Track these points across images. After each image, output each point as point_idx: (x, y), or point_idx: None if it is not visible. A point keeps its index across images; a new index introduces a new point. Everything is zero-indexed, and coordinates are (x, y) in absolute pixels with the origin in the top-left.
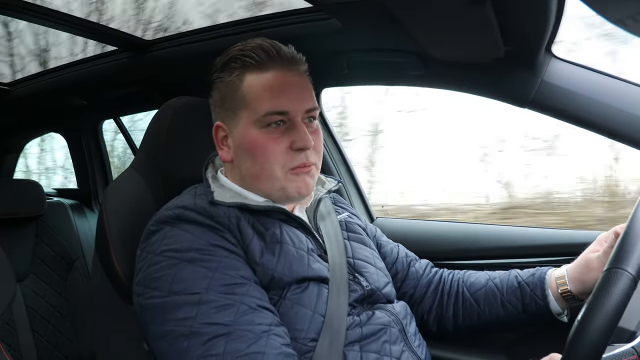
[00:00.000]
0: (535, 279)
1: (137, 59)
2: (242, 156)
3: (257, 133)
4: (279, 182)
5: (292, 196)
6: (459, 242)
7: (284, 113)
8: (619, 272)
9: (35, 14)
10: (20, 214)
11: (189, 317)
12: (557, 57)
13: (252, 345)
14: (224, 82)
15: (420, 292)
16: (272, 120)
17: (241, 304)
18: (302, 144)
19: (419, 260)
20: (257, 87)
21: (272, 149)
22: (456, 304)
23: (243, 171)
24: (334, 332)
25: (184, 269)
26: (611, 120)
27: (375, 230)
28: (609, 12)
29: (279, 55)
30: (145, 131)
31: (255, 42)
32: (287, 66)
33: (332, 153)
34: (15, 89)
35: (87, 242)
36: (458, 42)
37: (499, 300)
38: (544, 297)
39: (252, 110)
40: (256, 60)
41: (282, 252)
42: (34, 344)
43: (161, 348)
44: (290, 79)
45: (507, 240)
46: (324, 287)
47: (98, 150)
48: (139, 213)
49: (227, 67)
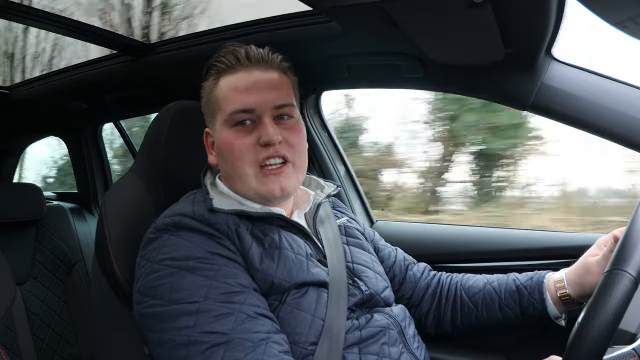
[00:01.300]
0: (534, 282)
1: (138, 63)
2: (220, 158)
3: (226, 133)
4: (251, 183)
5: (267, 197)
6: (458, 245)
7: (250, 111)
8: (619, 273)
9: (37, 18)
10: (20, 218)
11: (187, 326)
12: (557, 59)
13: (250, 354)
14: (204, 88)
15: (418, 295)
16: (239, 119)
17: (239, 312)
18: (267, 139)
19: (417, 264)
20: (225, 89)
21: (239, 147)
22: (454, 307)
23: (224, 173)
24: (333, 335)
25: (183, 278)
26: (611, 122)
27: (373, 234)
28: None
29: (247, 57)
30: (145, 135)
31: (228, 48)
32: (256, 66)
33: (332, 157)
34: (15, 93)
35: (86, 245)
36: (458, 45)
37: (497, 303)
38: (542, 301)
39: (222, 112)
40: (226, 64)
41: (281, 258)
42: (34, 347)
43: (161, 355)
44: (258, 77)
45: (506, 242)
46: (324, 292)
47: (98, 154)
48: (138, 217)
49: (207, 74)
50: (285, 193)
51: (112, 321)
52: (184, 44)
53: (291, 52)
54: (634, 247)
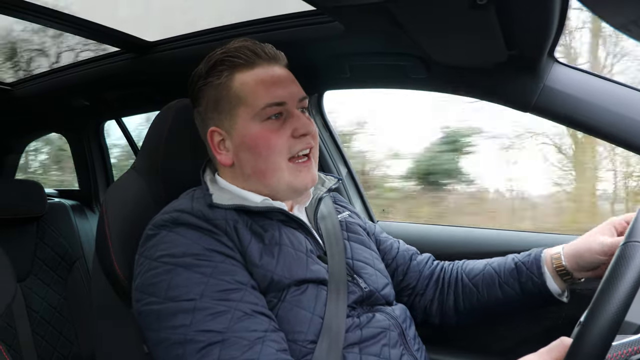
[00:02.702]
0: (532, 257)
1: (140, 61)
2: (245, 154)
3: (257, 127)
4: (284, 177)
5: (300, 190)
6: (460, 246)
7: (282, 104)
8: (636, 245)
9: (39, 14)
10: (21, 215)
11: (183, 324)
12: (559, 62)
13: (246, 352)
14: (213, 85)
15: (422, 284)
16: (271, 113)
17: (236, 310)
18: (305, 130)
19: (420, 254)
20: (251, 83)
21: (275, 141)
22: (456, 290)
23: (247, 170)
24: (333, 334)
25: (180, 275)
26: (612, 125)
27: (374, 227)
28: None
29: (264, 52)
30: (147, 133)
31: (238, 44)
32: (273, 61)
33: (332, 153)
34: (18, 89)
35: (87, 243)
36: (461, 46)
37: (497, 282)
38: (540, 275)
39: (249, 106)
40: (244, 59)
41: (281, 254)
42: (34, 344)
43: (158, 354)
44: (278, 71)
45: (508, 244)
46: (323, 289)
47: (100, 151)
48: (139, 214)
49: (213, 71)
50: (313, 184)
51: (112, 318)
52: (186, 43)
53: (294, 52)
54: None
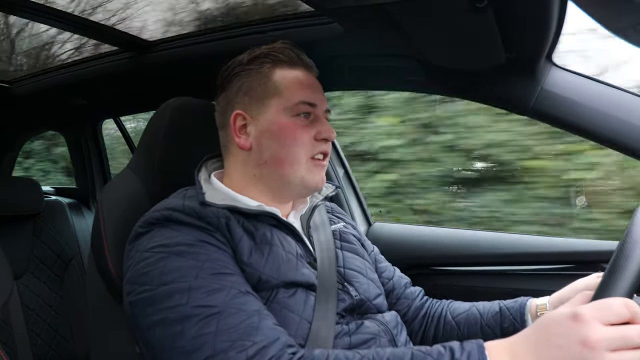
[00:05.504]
0: (517, 304)
1: (138, 60)
2: (268, 140)
3: (286, 119)
4: (301, 171)
5: (310, 187)
6: (455, 248)
7: (313, 105)
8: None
9: (38, 12)
10: (18, 212)
11: (180, 304)
12: (557, 65)
13: (245, 321)
14: (252, 72)
15: (413, 313)
16: (302, 110)
17: (231, 288)
18: (327, 135)
19: (412, 286)
20: (290, 79)
21: (300, 135)
22: (437, 325)
23: (265, 156)
24: (321, 339)
25: (174, 262)
26: (610, 129)
27: (373, 248)
28: (610, 22)
29: (306, 59)
30: (143, 132)
31: (283, 44)
32: (309, 69)
33: (331, 159)
34: (16, 87)
35: (84, 241)
36: (459, 48)
37: (479, 323)
38: (522, 322)
39: (284, 99)
40: (288, 58)
41: (271, 254)
42: (30, 342)
43: (155, 337)
44: (313, 79)
45: (503, 247)
46: (312, 294)
47: (97, 150)
48: (133, 213)
49: (256, 60)
50: (322, 185)
51: (107, 317)
52: (184, 42)
53: None
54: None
